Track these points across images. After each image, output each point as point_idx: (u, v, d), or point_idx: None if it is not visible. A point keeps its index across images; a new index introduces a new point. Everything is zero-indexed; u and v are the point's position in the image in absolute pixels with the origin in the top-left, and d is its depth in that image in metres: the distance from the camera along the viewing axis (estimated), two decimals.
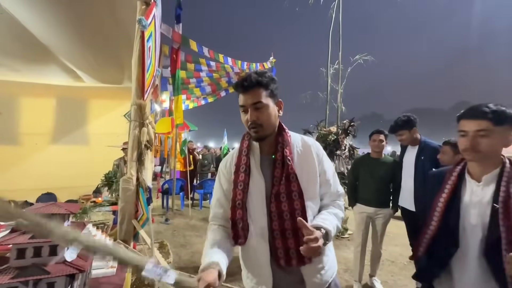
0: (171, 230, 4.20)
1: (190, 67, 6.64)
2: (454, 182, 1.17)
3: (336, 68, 5.38)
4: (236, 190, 1.06)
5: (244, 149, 1.10)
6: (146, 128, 2.26)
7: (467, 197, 1.14)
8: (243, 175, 1.05)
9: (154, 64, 2.64)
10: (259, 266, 1.05)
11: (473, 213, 1.10)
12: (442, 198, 1.18)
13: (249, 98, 1.03)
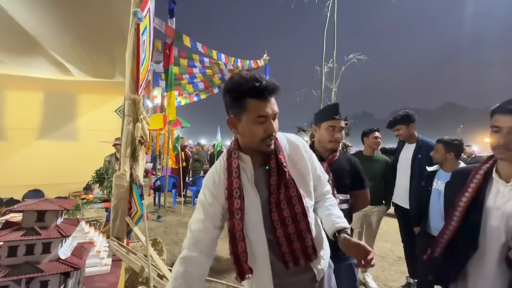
0: (163, 227, 4.15)
1: (183, 63, 6.55)
2: (479, 180, 1.10)
3: (330, 67, 5.42)
4: (234, 221, 0.93)
5: (234, 169, 0.96)
6: (140, 123, 2.21)
7: (492, 198, 1.07)
8: (238, 202, 0.94)
9: (149, 58, 2.59)
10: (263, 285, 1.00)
11: (496, 215, 1.04)
12: (465, 197, 1.12)
13: (271, 107, 0.90)
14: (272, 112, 0.90)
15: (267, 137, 0.92)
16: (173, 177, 5.51)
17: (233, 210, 0.94)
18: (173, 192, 5.42)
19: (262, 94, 0.87)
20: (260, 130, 0.90)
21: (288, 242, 0.97)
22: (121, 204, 2.11)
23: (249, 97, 0.87)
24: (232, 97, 0.91)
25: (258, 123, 0.89)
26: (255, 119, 0.89)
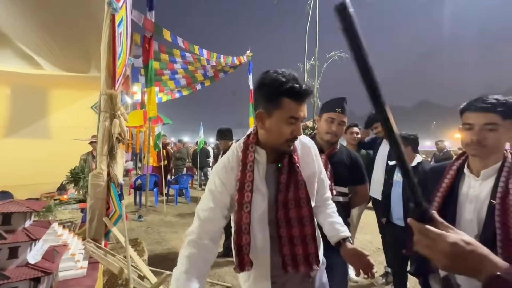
0: (144, 227, 4.04)
1: (164, 57, 6.35)
2: (452, 176, 1.14)
3: (312, 64, 5.49)
4: (242, 213, 0.93)
5: (250, 162, 0.95)
6: (117, 119, 2.13)
7: (464, 192, 1.10)
8: (249, 195, 0.93)
9: (126, 52, 2.48)
10: (260, 278, 1.00)
11: (469, 208, 1.07)
12: (440, 192, 1.15)
13: (303, 110, 0.91)
14: (303, 116, 0.91)
15: (292, 138, 0.93)
16: (154, 175, 5.36)
17: (243, 203, 0.93)
18: (155, 191, 5.28)
19: (300, 97, 0.88)
20: (288, 130, 0.90)
21: (291, 244, 0.97)
22: (98, 204, 2.03)
23: (286, 97, 0.87)
24: (268, 93, 0.89)
25: (288, 123, 0.90)
26: (287, 119, 0.89)
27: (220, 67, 8.32)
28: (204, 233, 0.92)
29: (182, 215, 4.81)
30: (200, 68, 8.19)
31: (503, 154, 1.05)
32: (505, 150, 1.06)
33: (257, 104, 0.94)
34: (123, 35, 2.32)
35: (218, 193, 0.95)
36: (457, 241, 0.51)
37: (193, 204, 5.71)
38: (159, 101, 10.35)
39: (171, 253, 3.17)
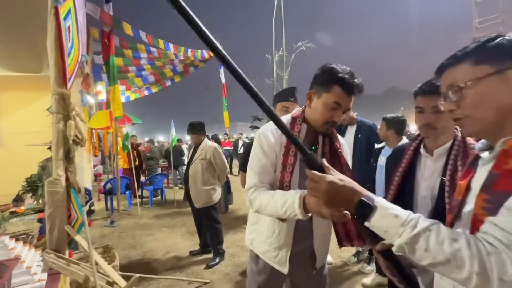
0: (117, 232, 3.87)
1: (128, 53, 6.01)
2: (410, 156, 1.21)
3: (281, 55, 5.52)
4: (285, 173, 1.04)
5: (296, 132, 1.08)
6: (72, 121, 1.99)
7: (420, 171, 1.16)
8: (292, 159, 1.05)
9: (78, 47, 2.31)
10: (284, 235, 1.09)
11: (423, 186, 1.13)
12: (399, 172, 1.21)
13: (348, 102, 1.02)
14: (345, 106, 1.01)
15: (331, 122, 1.03)
16: (125, 178, 5.11)
17: (286, 165, 1.05)
18: (127, 194, 5.05)
19: (349, 88, 0.98)
20: (329, 113, 1.02)
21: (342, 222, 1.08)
22: (58, 212, 1.90)
23: (337, 84, 0.98)
24: (324, 77, 1.01)
25: (331, 107, 1.00)
26: (331, 103, 1.00)
27: (189, 61, 8.08)
28: (262, 183, 1.06)
29: (158, 217, 4.68)
30: (168, 64, 7.88)
31: (454, 133, 1.10)
32: (456, 128, 1.11)
33: (312, 86, 1.08)
34: (72, 29, 2.15)
35: (267, 149, 1.08)
36: (333, 179, 0.63)
37: (170, 203, 5.57)
38: (127, 100, 9.87)
39: (147, 256, 3.08)
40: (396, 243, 0.57)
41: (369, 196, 0.62)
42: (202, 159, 2.89)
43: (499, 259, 0.46)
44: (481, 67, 0.57)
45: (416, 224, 0.55)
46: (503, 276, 0.45)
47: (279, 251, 1.10)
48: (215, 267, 2.76)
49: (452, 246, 0.50)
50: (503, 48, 0.56)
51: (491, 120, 0.58)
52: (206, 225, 2.96)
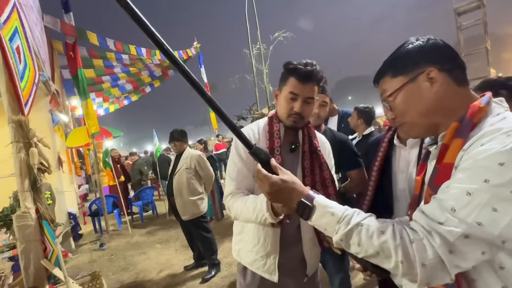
0: (108, 255, 3.68)
1: (98, 63, 5.73)
2: (385, 148, 1.18)
3: (258, 49, 5.38)
4: (274, 156, 1.04)
5: (276, 131, 1.07)
6: (35, 148, 1.82)
7: (396, 163, 1.14)
8: (279, 157, 1.04)
9: (33, 67, 2.12)
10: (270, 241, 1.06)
11: (401, 178, 1.11)
12: (375, 166, 1.18)
13: (306, 90, 1.00)
14: (302, 95, 1.00)
15: (295, 114, 1.01)
16: (111, 196, 4.88)
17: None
18: (115, 213, 4.83)
19: (302, 76, 0.98)
20: (290, 105, 1.01)
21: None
22: (31, 247, 1.77)
23: (291, 75, 1.00)
24: (283, 72, 1.05)
25: (290, 99, 1.01)
26: (288, 95, 1.01)
27: (167, 64, 7.82)
28: (239, 189, 1.05)
29: (150, 233, 4.50)
30: (144, 69, 7.60)
31: None
32: None
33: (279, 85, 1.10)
34: (23, 49, 1.96)
35: (244, 154, 1.05)
36: (276, 181, 0.66)
37: (162, 216, 5.39)
38: (106, 112, 9.52)
39: (140, 278, 2.94)
40: (334, 239, 0.59)
41: (310, 195, 0.64)
42: (187, 168, 2.76)
43: (420, 245, 0.49)
44: (398, 78, 0.63)
45: (349, 220, 0.57)
46: (424, 261, 0.48)
47: (267, 259, 1.06)
48: (211, 280, 2.66)
49: (379, 238, 0.53)
50: (410, 55, 0.62)
51: (422, 123, 0.62)
52: (197, 236, 2.84)
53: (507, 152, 0.45)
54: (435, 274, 0.49)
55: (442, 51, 0.60)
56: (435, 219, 0.49)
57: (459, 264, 0.47)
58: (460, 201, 0.48)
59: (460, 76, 0.59)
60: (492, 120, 0.53)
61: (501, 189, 0.45)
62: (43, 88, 3.66)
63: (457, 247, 0.47)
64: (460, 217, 0.47)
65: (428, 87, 0.59)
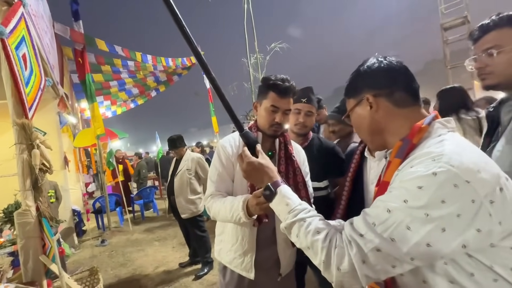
0: (108, 251, 3.84)
1: (106, 69, 5.98)
2: (357, 160, 1.21)
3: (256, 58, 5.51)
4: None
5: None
6: (37, 149, 1.97)
7: (367, 174, 1.17)
8: None
9: (39, 73, 2.29)
10: (247, 240, 1.14)
11: (371, 189, 1.12)
12: (348, 177, 1.21)
13: (285, 103, 1.12)
14: (283, 107, 1.12)
15: (276, 124, 1.12)
16: (114, 195, 5.08)
17: None
18: (118, 210, 5.01)
19: (281, 92, 1.10)
20: (272, 116, 1.12)
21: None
22: (30, 243, 1.89)
23: (271, 90, 1.11)
24: (262, 86, 1.16)
25: (271, 111, 1.12)
26: (269, 107, 1.12)
27: (172, 70, 8.05)
28: (219, 191, 1.16)
29: (149, 230, 4.65)
30: (150, 75, 7.85)
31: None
32: None
33: (257, 97, 1.21)
34: (29, 56, 2.13)
35: (225, 160, 1.16)
36: (253, 161, 0.76)
37: (162, 215, 5.55)
38: (114, 114, 9.84)
39: (137, 273, 3.06)
40: (281, 226, 0.67)
41: (277, 182, 0.72)
42: (188, 169, 2.94)
43: (341, 251, 0.54)
44: (350, 100, 0.73)
45: (297, 214, 0.64)
46: (339, 266, 0.54)
47: (244, 257, 1.14)
48: (203, 278, 2.75)
49: (313, 237, 0.58)
50: (354, 81, 0.71)
51: (371, 140, 0.70)
52: (193, 235, 2.96)
53: (428, 177, 0.48)
54: (347, 279, 0.53)
55: (381, 76, 0.65)
56: (358, 230, 0.54)
57: (368, 274, 0.51)
58: (380, 217, 0.52)
59: (402, 98, 0.63)
60: (430, 142, 0.55)
61: (416, 210, 0.48)
62: (51, 92, 3.87)
63: (369, 258, 0.50)
64: (377, 232, 0.51)
65: (369, 111, 0.66)
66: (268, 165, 0.76)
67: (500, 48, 0.83)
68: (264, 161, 0.77)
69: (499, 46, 0.83)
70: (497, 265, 0.49)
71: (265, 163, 0.76)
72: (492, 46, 0.84)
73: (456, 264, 0.51)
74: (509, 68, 0.83)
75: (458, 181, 0.47)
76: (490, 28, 0.86)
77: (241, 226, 1.13)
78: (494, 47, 0.84)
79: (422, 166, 0.50)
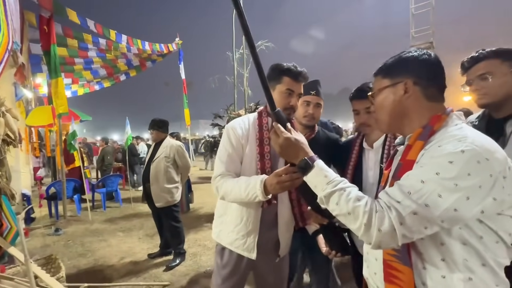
0: (64, 240, 3.49)
1: (72, 43, 5.43)
2: (357, 150, 1.40)
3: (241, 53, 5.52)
4: (265, 160, 1.17)
5: (265, 124, 1.21)
6: (2, 118, 1.75)
7: (366, 161, 1.36)
8: (268, 147, 1.18)
9: (7, 33, 2.03)
10: (252, 221, 1.17)
11: (370, 174, 1.32)
12: (350, 165, 1.40)
13: (299, 87, 1.20)
14: (297, 91, 1.19)
15: (290, 107, 1.18)
16: (73, 180, 4.63)
17: (264, 153, 1.18)
18: (76, 198, 4.58)
19: (295, 76, 1.17)
20: (286, 100, 1.17)
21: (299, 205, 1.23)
22: None
23: (286, 75, 1.17)
24: (275, 72, 1.19)
25: (287, 94, 1.17)
26: (284, 91, 1.17)
27: (146, 55, 7.62)
28: (229, 171, 1.17)
29: (112, 221, 4.34)
30: (122, 57, 7.33)
31: None
32: None
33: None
34: None
35: (235, 141, 1.19)
36: (289, 137, 0.80)
37: (126, 206, 5.23)
38: (74, 94, 8.97)
39: (99, 264, 2.85)
40: (319, 195, 0.71)
41: (313, 157, 0.77)
42: (166, 156, 2.80)
43: (381, 215, 0.61)
44: (385, 80, 0.76)
45: (337, 184, 0.69)
46: (380, 227, 0.60)
47: (247, 238, 1.17)
48: (175, 268, 2.67)
49: (355, 203, 0.64)
50: (400, 63, 0.74)
51: (388, 121, 0.77)
52: (166, 225, 2.85)
53: (456, 154, 0.57)
54: (386, 239, 0.60)
55: (426, 68, 0.71)
56: (395, 198, 0.61)
57: (405, 233, 0.58)
58: (415, 187, 0.59)
59: (433, 93, 0.71)
60: (451, 128, 0.66)
61: (447, 181, 0.57)
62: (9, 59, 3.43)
63: (406, 220, 0.58)
64: (413, 199, 0.58)
65: (401, 95, 0.72)
66: (303, 141, 0.81)
67: (491, 74, 1.03)
68: (300, 137, 0.82)
69: (491, 72, 1.03)
70: (501, 230, 0.61)
71: (300, 139, 0.81)
72: (485, 72, 1.04)
73: (469, 229, 0.61)
74: (501, 90, 1.03)
75: (481, 158, 0.57)
76: (480, 59, 1.06)
77: (247, 207, 1.16)
78: (487, 73, 1.04)
79: (451, 145, 0.60)
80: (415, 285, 0.65)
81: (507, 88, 1.03)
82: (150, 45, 7.12)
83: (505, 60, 1.03)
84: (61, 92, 4.16)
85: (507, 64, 1.03)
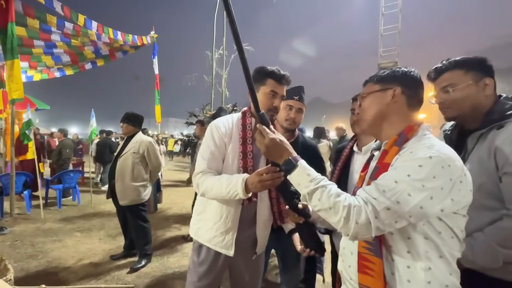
0: (10, 240, 3.11)
1: (33, 23, 4.94)
2: (347, 154, 1.47)
3: (220, 53, 5.50)
4: (247, 159, 1.19)
5: (248, 124, 1.24)
6: None
7: (354, 165, 1.43)
8: (251, 146, 1.20)
9: None
10: (231, 218, 1.19)
11: (355, 177, 1.35)
12: (338, 167, 1.46)
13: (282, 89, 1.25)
14: (280, 93, 1.24)
15: (273, 108, 1.22)
16: (24, 174, 4.16)
17: (247, 152, 1.21)
18: (26, 194, 4.12)
19: (279, 79, 1.22)
20: (269, 101, 1.22)
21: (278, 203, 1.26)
22: None
23: (270, 77, 1.22)
24: (259, 74, 1.23)
25: (271, 96, 1.22)
26: (268, 93, 1.22)
27: (118, 45, 7.19)
28: (210, 169, 1.19)
29: (68, 220, 3.98)
30: (89, 44, 6.83)
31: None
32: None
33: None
34: None
35: (218, 139, 1.22)
36: (274, 137, 0.86)
37: (85, 205, 4.84)
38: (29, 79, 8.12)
39: (52, 266, 2.60)
40: (303, 192, 0.77)
41: (296, 157, 0.83)
42: (134, 152, 2.66)
43: (358, 209, 0.68)
44: (376, 85, 0.86)
45: (319, 182, 0.76)
46: (357, 220, 0.67)
47: (226, 235, 1.19)
48: (140, 270, 2.54)
49: (335, 198, 0.71)
50: (394, 73, 0.85)
51: (370, 122, 0.86)
52: (132, 224, 2.70)
53: (425, 159, 0.67)
54: (362, 231, 0.67)
55: (412, 82, 0.82)
56: (372, 195, 0.69)
57: (379, 226, 0.67)
58: (389, 186, 0.68)
59: (414, 104, 0.82)
60: (421, 137, 0.77)
61: (416, 182, 0.66)
62: None
63: (380, 215, 0.66)
64: (387, 196, 0.67)
65: (389, 100, 0.82)
66: (287, 142, 0.87)
67: (454, 86, 1.01)
68: (283, 138, 0.88)
69: (453, 84, 1.01)
70: (455, 227, 0.72)
71: (284, 140, 0.87)
72: (447, 84, 1.03)
73: (430, 225, 0.71)
74: (464, 102, 1.00)
75: (444, 164, 0.68)
76: (443, 70, 1.06)
77: (227, 205, 1.18)
78: (449, 86, 1.02)
79: (421, 151, 0.71)
80: (384, 274, 0.74)
81: (471, 100, 0.99)
82: (123, 35, 6.77)
83: (468, 71, 0.99)
84: (17, 75, 3.76)
85: (470, 75, 0.99)
